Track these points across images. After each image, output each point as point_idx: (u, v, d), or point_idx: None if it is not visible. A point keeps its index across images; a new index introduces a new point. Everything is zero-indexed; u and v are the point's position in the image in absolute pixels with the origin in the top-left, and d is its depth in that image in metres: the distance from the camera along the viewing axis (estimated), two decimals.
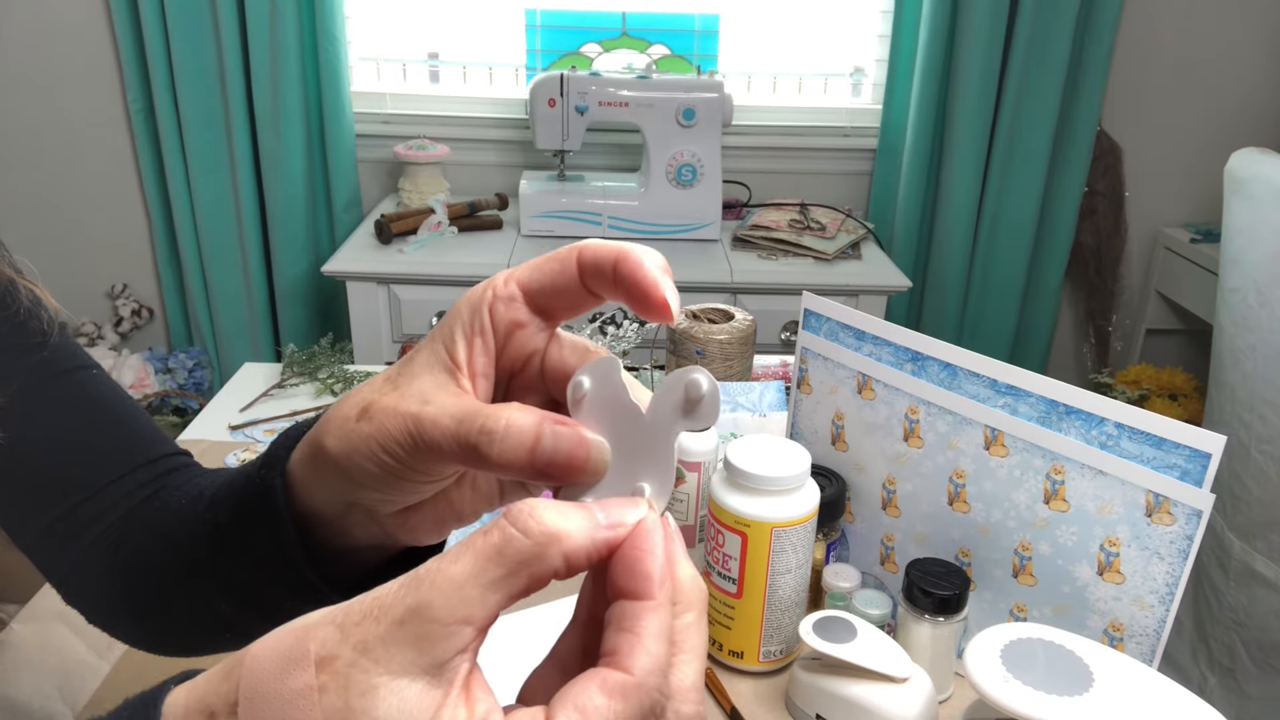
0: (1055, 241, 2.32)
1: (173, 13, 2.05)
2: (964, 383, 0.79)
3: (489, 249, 1.98)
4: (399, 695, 0.26)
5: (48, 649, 0.83)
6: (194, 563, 0.48)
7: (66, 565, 0.55)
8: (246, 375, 1.40)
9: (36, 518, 0.54)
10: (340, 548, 0.41)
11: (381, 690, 0.26)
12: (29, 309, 0.54)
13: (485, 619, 0.27)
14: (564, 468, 0.32)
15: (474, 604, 0.27)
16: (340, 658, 0.27)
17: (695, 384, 0.31)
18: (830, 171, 2.38)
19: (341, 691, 0.26)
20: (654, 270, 0.32)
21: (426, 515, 0.39)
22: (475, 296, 0.35)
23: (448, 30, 2.31)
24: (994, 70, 2.14)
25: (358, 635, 0.27)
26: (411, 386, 0.34)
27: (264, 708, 0.27)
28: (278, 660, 0.27)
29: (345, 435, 0.36)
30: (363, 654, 0.27)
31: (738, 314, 1.17)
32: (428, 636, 0.27)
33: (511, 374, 0.37)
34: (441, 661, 0.27)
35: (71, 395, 0.55)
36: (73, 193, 2.33)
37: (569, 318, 0.37)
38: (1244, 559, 1.62)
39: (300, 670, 0.27)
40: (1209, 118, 2.32)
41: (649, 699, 0.27)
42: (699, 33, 2.32)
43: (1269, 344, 1.52)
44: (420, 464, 0.34)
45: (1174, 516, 0.69)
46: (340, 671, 0.26)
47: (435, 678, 0.27)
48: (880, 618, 0.81)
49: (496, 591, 0.27)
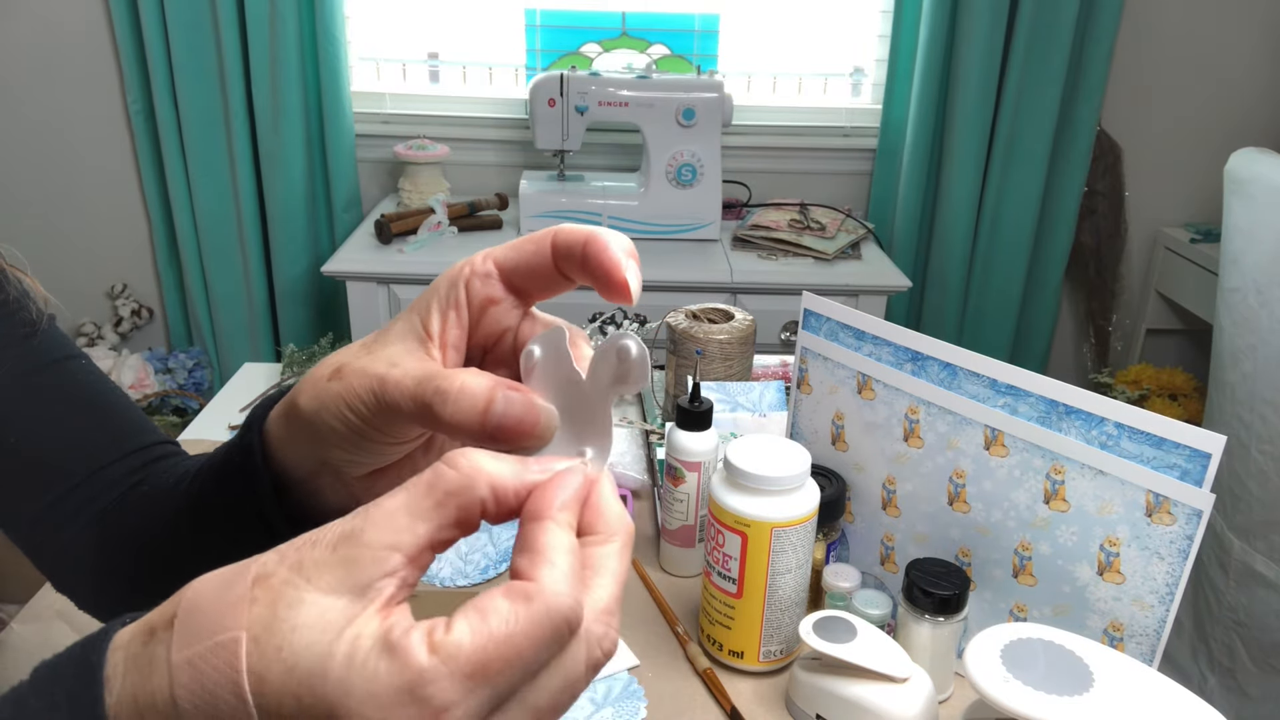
0: (1055, 241, 2.32)
1: (172, 13, 2.05)
2: (964, 383, 0.79)
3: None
4: (320, 608, 0.28)
5: (48, 649, 0.83)
6: (178, 539, 0.49)
7: (56, 553, 0.56)
8: (246, 375, 1.40)
9: (26, 506, 0.54)
10: (313, 512, 0.42)
11: (306, 603, 0.28)
12: (17, 299, 0.54)
13: (414, 546, 0.29)
14: (513, 431, 0.33)
15: (402, 531, 0.29)
16: (275, 575, 0.29)
17: (625, 349, 0.33)
18: (830, 171, 2.38)
19: (271, 604, 0.28)
20: (618, 253, 0.34)
21: (393, 480, 0.41)
22: (454, 272, 0.37)
23: (448, 30, 2.31)
24: (994, 70, 2.14)
25: (294, 557, 0.29)
26: (384, 352, 0.36)
27: (197, 618, 0.28)
28: (220, 580, 0.29)
29: (317, 394, 0.37)
30: (296, 572, 0.28)
31: (738, 314, 1.17)
32: (356, 560, 0.28)
33: (485, 349, 0.39)
34: (366, 583, 0.28)
35: (60, 384, 0.56)
36: (73, 193, 2.33)
37: (543, 298, 0.38)
38: (1244, 559, 1.62)
39: (237, 585, 0.29)
40: (1209, 118, 2.32)
41: (557, 609, 0.28)
42: (699, 33, 2.32)
43: (1269, 344, 1.52)
44: (383, 424, 0.36)
45: (1174, 516, 0.69)
46: (274, 587, 0.28)
47: (358, 597, 0.28)
48: (880, 618, 0.81)
49: (425, 520, 0.29)
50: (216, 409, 1.30)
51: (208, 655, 0.28)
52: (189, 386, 2.29)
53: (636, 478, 1.10)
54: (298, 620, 0.28)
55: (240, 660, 0.27)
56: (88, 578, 0.56)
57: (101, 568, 0.54)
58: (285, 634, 0.27)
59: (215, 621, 0.28)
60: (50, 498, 0.54)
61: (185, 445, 0.66)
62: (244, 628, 0.28)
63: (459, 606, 0.29)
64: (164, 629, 0.29)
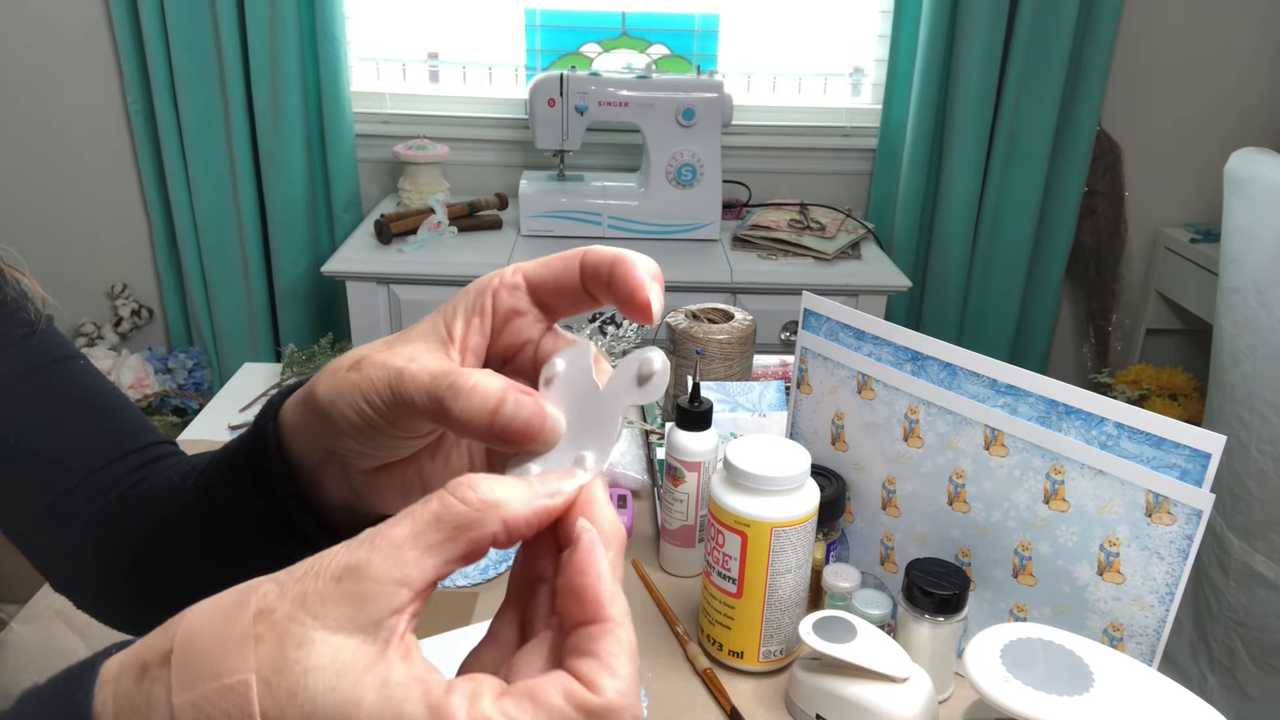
0: (1055, 241, 2.32)
1: (172, 14, 2.05)
2: (964, 383, 0.79)
3: (489, 249, 1.98)
4: (333, 648, 0.27)
5: (48, 649, 0.83)
6: (183, 536, 0.49)
7: (55, 553, 0.55)
8: (246, 375, 1.40)
9: (25, 506, 0.54)
10: (314, 505, 0.42)
11: (317, 643, 0.27)
12: (15, 299, 0.54)
13: (422, 581, 0.28)
14: (519, 434, 0.33)
15: (411, 566, 0.28)
16: (278, 610, 0.27)
17: (648, 361, 0.34)
18: (830, 171, 2.38)
19: (278, 642, 0.27)
20: (644, 274, 0.35)
21: (395, 479, 0.41)
22: (484, 281, 0.38)
23: (447, 30, 2.31)
24: (994, 70, 2.14)
25: (296, 590, 0.28)
26: (405, 348, 0.37)
27: (198, 656, 0.27)
28: (217, 613, 0.28)
29: (335, 383, 0.38)
30: (300, 608, 0.27)
31: (737, 314, 1.17)
32: (365, 595, 0.27)
33: (505, 359, 0.39)
34: (377, 620, 0.28)
35: (59, 384, 0.56)
36: (73, 193, 2.33)
37: (567, 315, 0.39)
38: (1244, 559, 1.62)
39: (238, 620, 0.27)
40: (1209, 118, 2.32)
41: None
42: (699, 33, 2.32)
43: (1269, 344, 1.52)
44: (396, 417, 0.36)
45: (1174, 516, 0.69)
46: (278, 623, 0.27)
47: (370, 635, 0.28)
48: (880, 618, 0.81)
49: (435, 555, 0.28)
50: (216, 409, 1.30)
51: (214, 698, 0.27)
52: (189, 386, 2.29)
53: (636, 478, 1.10)
54: (310, 662, 0.27)
55: (253, 705, 0.26)
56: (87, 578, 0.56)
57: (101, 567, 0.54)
58: (298, 676, 0.27)
59: (219, 661, 0.27)
60: (49, 498, 0.54)
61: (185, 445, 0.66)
62: (252, 669, 0.27)
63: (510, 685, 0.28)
64: (159, 665, 0.28)
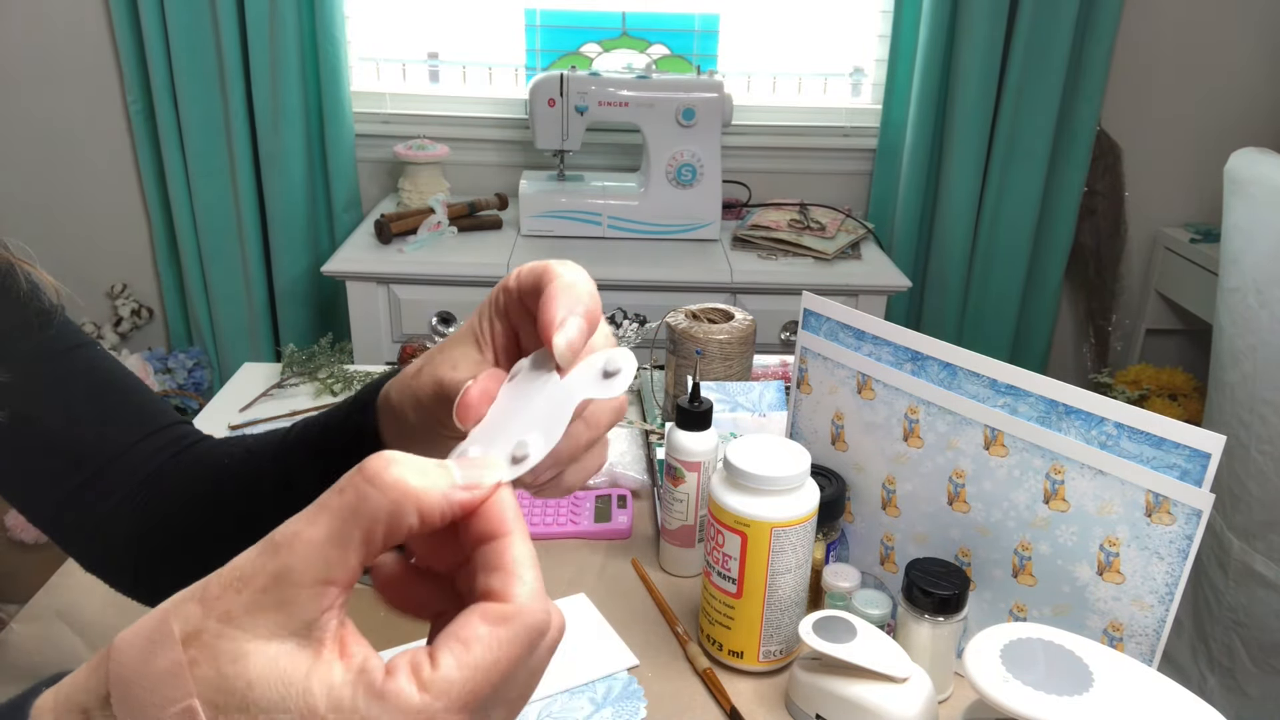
0: (1055, 241, 2.32)
1: (172, 13, 2.05)
2: (964, 383, 0.79)
3: (489, 249, 1.98)
4: (268, 657, 0.27)
5: (48, 649, 0.83)
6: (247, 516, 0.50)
7: (89, 532, 0.57)
8: (246, 375, 1.40)
9: (54, 491, 0.56)
10: None
11: (252, 655, 0.27)
12: (28, 291, 0.56)
13: (347, 578, 0.28)
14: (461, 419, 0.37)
15: (334, 565, 0.28)
16: (206, 630, 0.27)
17: (612, 358, 0.36)
18: (830, 171, 2.38)
19: (212, 662, 0.27)
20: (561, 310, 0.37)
21: None
22: (497, 284, 0.42)
23: (447, 30, 2.31)
24: (994, 70, 2.14)
25: (220, 608, 0.27)
26: (450, 353, 0.42)
27: (137, 693, 0.27)
28: (142, 644, 0.27)
29: (403, 388, 0.44)
30: (227, 624, 0.27)
31: (737, 314, 1.17)
32: (292, 600, 0.27)
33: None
34: (308, 621, 0.27)
35: (81, 371, 0.57)
36: (73, 193, 2.33)
37: None
38: (1244, 559, 1.62)
39: (166, 649, 0.27)
40: (1209, 118, 2.32)
41: (534, 625, 0.28)
42: (699, 33, 2.32)
43: (1269, 344, 1.52)
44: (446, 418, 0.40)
45: (1174, 516, 0.69)
46: (208, 644, 0.27)
47: (304, 638, 0.27)
48: (880, 618, 0.81)
49: (355, 551, 0.28)
50: (216, 409, 1.30)
51: None
52: (189, 386, 2.29)
53: (636, 478, 1.10)
54: (251, 675, 0.27)
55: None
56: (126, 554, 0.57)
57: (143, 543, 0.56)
58: (243, 692, 0.26)
59: (157, 693, 0.26)
60: (79, 479, 0.55)
61: None
62: (193, 694, 0.26)
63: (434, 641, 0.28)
64: (99, 709, 0.27)
